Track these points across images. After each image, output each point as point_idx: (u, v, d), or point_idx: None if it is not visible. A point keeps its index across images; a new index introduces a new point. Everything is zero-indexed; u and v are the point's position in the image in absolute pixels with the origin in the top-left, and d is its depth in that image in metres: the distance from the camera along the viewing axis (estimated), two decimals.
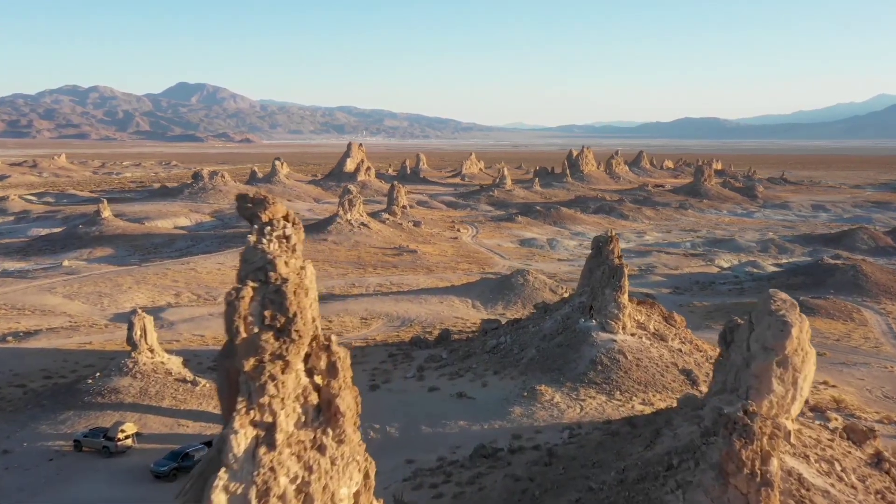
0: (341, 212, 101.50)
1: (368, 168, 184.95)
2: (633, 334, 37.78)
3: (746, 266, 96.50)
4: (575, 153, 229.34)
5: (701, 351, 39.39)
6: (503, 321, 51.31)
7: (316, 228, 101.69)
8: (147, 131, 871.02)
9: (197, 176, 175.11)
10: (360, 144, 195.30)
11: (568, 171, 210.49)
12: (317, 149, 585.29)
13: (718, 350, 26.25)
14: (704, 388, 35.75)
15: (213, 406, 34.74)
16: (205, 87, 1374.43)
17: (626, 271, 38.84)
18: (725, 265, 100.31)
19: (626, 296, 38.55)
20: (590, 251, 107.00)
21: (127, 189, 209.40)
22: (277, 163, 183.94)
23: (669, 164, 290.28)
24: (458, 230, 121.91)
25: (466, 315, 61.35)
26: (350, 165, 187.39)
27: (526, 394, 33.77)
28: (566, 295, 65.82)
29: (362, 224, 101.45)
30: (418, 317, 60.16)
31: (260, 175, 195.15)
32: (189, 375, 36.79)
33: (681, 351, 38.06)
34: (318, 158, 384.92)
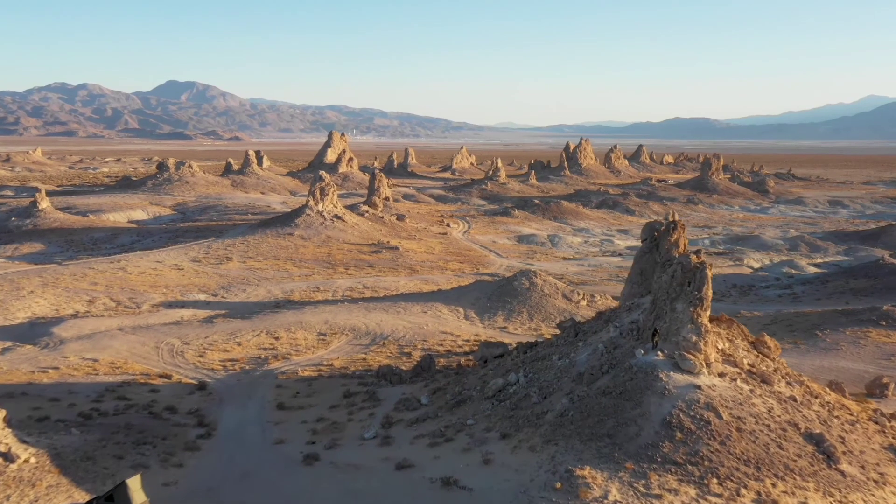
0: (311, 202, 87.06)
1: (351, 159, 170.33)
2: (720, 374, 23.81)
3: (783, 266, 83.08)
4: (572, 146, 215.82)
5: (817, 397, 25.44)
6: (509, 343, 37.29)
7: (281, 221, 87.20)
8: (136, 129, 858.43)
9: (162, 166, 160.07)
10: (343, 133, 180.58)
11: (566, 165, 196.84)
12: (306, 147, 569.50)
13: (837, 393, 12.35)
14: (846, 467, 21.91)
15: (31, 501, 20.49)
16: (194, 86, 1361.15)
17: (709, 274, 24.89)
18: (756, 265, 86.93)
19: (708, 313, 24.63)
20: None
21: (98, 183, 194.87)
22: (251, 153, 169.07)
23: (669, 159, 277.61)
24: (448, 225, 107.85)
25: (457, 329, 47.29)
26: (331, 156, 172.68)
27: (559, 483, 19.80)
28: (583, 301, 51.92)
29: (336, 216, 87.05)
30: (394, 332, 45.97)
31: (235, 167, 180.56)
32: (5, 444, 22.50)
33: (794, 400, 24.15)
34: (307, 156, 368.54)
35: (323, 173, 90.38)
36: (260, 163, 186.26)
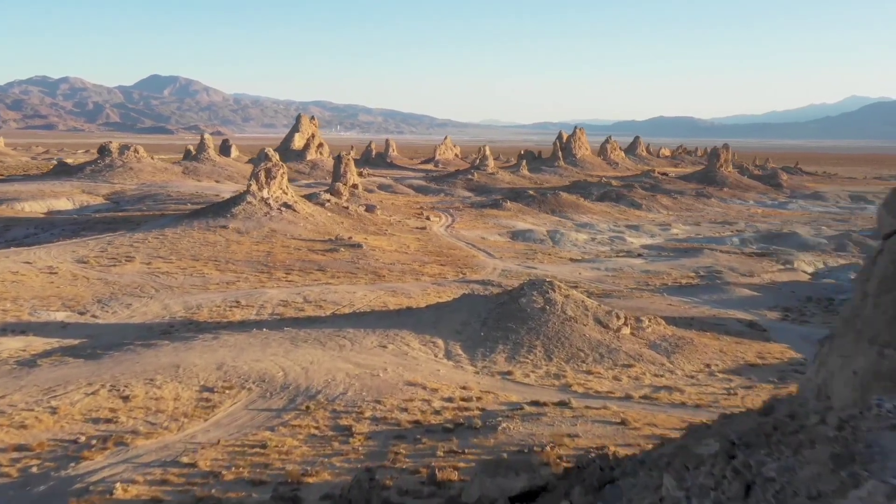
0: (254, 187, 68.73)
1: (321, 145, 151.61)
2: None
3: (848, 271, 66.43)
4: (566, 136, 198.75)
5: None
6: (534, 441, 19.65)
7: (214, 211, 68.71)
8: (117, 123, 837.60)
9: (104, 151, 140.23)
10: (312, 117, 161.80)
11: (560, 155, 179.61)
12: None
13: None
14: None
15: None
16: (177, 80, 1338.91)
17: None
18: (810, 269, 70.26)
19: None
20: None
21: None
22: (207, 137, 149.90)
23: (666, 152, 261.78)
24: (428, 218, 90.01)
25: (433, 377, 29.47)
26: (298, 142, 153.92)
27: None
28: (626, 329, 34.29)
29: (285, 205, 68.75)
30: (329, 384, 28.01)
31: (195, 153, 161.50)
32: None
33: None
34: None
35: (269, 150, 72.17)
36: (227, 152, 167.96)
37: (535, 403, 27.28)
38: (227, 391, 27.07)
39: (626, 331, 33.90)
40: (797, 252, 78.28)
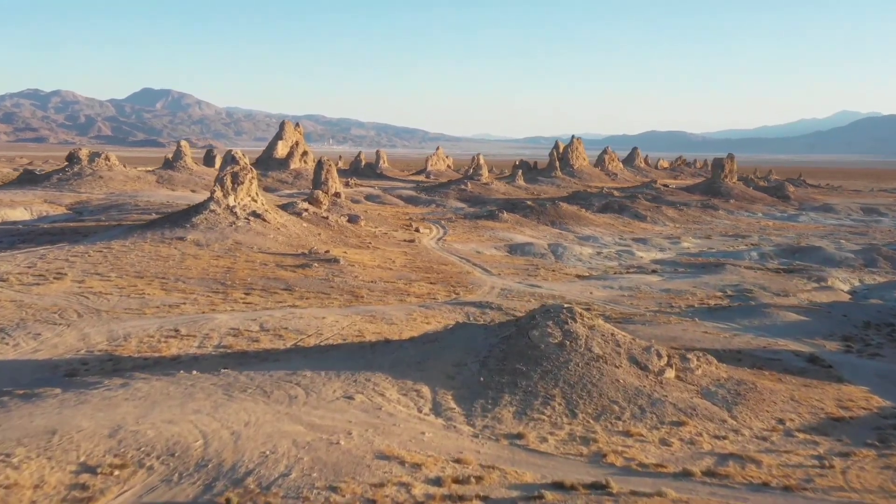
0: (219, 194, 60.45)
1: (305, 153, 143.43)
2: None
3: (891, 289, 58.76)
4: (562, 146, 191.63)
5: None
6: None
7: (173, 221, 60.27)
8: (109, 136, 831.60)
9: (73, 158, 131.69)
10: (297, 124, 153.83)
11: (557, 165, 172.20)
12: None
13: None
14: None
15: None
16: (170, 94, 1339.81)
17: None
18: (845, 287, 62.54)
19: None
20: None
21: None
22: (183, 144, 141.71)
23: (665, 163, 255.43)
24: (417, 230, 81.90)
25: (415, 445, 21.22)
26: (282, 150, 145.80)
27: None
28: (670, 371, 26.18)
29: (253, 214, 60.44)
30: (267, 458, 19.70)
31: (172, 161, 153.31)
32: None
33: None
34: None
35: (237, 152, 63.72)
36: (212, 162, 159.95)
37: (558, 487, 19.09)
38: (115, 472, 18.69)
39: (671, 373, 25.77)
40: (826, 268, 70.60)
